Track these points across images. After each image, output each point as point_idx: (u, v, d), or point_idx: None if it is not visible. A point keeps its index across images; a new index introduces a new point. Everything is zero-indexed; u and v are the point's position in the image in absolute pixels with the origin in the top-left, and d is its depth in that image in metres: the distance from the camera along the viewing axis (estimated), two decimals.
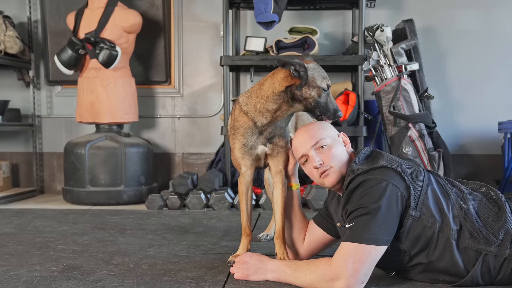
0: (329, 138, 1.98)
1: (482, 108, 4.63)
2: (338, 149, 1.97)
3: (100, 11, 4.32)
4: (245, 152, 2.16)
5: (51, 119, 5.01)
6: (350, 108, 4.12)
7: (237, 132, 2.15)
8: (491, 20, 4.64)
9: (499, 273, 1.83)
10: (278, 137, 2.14)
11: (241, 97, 2.17)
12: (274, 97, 2.06)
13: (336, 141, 2.00)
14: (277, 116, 2.09)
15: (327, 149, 1.96)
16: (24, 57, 4.84)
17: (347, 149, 2.02)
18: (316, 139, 1.97)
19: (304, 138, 1.99)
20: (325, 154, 1.95)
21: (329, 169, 1.95)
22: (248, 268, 1.98)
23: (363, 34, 4.14)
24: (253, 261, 1.99)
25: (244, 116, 2.13)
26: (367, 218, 1.75)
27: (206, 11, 4.81)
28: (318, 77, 2.06)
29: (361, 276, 1.74)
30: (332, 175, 1.95)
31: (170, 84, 4.88)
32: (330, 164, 1.94)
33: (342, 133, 2.06)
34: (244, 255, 2.04)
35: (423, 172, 1.90)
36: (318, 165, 1.95)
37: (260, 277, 1.97)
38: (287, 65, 2.00)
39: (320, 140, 1.96)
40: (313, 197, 3.78)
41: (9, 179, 4.81)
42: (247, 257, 2.01)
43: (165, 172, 4.92)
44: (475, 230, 1.82)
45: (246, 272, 1.98)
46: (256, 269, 1.97)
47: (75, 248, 2.58)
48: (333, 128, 2.06)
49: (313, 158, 1.95)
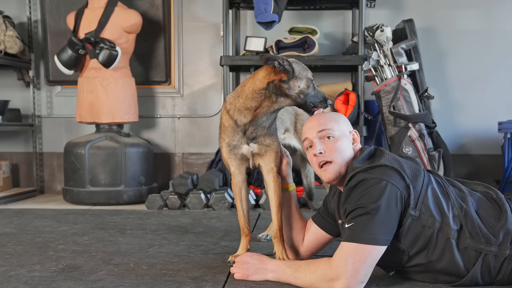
0: (338, 131, 1.96)
1: (482, 108, 4.63)
2: (344, 143, 1.96)
3: (100, 11, 4.32)
4: (230, 151, 2.16)
5: (51, 119, 5.01)
6: (350, 108, 4.12)
7: (222, 131, 2.17)
8: (491, 20, 4.64)
9: (499, 273, 1.83)
10: (263, 136, 2.13)
11: (228, 96, 2.19)
12: (253, 95, 2.06)
13: (344, 135, 1.98)
14: (257, 113, 2.08)
15: (332, 140, 1.95)
16: (24, 57, 4.83)
17: (355, 147, 2.00)
18: (324, 127, 1.95)
19: (313, 123, 1.99)
20: (329, 145, 1.94)
21: (328, 164, 1.94)
22: (249, 268, 1.98)
23: (363, 34, 4.14)
24: (253, 261, 1.99)
25: (226, 115, 2.14)
26: (367, 218, 1.75)
27: (206, 11, 4.81)
28: (303, 69, 2.07)
29: (361, 276, 1.74)
30: (330, 171, 1.94)
31: (170, 84, 4.89)
32: (331, 157, 1.93)
33: (354, 131, 2.04)
34: (245, 255, 2.03)
35: (423, 171, 1.90)
36: (318, 153, 1.94)
37: (260, 277, 1.97)
38: (270, 60, 2.00)
39: (328, 129, 1.95)
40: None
41: (9, 179, 4.81)
42: (248, 257, 2.01)
43: (165, 172, 4.92)
44: (475, 230, 1.82)
45: (246, 272, 1.98)
46: (256, 269, 1.97)
47: (75, 248, 2.58)
48: (348, 123, 2.04)
49: (316, 145, 1.95)
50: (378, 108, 4.15)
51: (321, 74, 4.68)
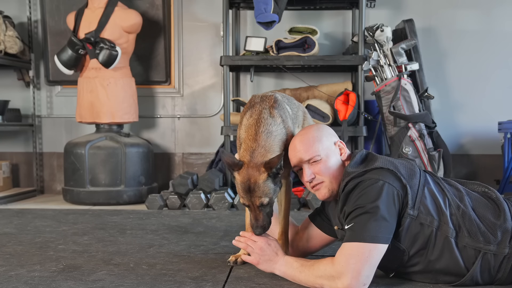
0: (323, 151, 1.96)
1: (482, 108, 4.63)
2: (331, 161, 1.96)
3: (100, 11, 4.32)
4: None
5: (51, 119, 5.01)
6: (350, 108, 4.12)
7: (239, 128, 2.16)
8: (491, 20, 4.64)
9: (498, 271, 1.84)
10: None
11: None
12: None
13: (330, 152, 1.98)
14: None
15: (320, 162, 1.95)
16: (24, 57, 4.83)
17: (343, 157, 2.00)
18: (310, 155, 1.95)
19: (298, 150, 1.98)
20: (318, 168, 1.95)
21: (320, 184, 1.96)
22: (262, 255, 1.95)
23: (363, 34, 4.14)
24: (268, 252, 1.95)
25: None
26: (366, 218, 1.76)
27: (206, 11, 4.81)
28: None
29: (363, 278, 1.74)
30: (323, 190, 1.97)
31: (170, 84, 4.88)
32: (322, 178, 1.95)
33: (339, 141, 2.03)
34: (263, 241, 1.97)
35: (419, 171, 1.91)
36: (309, 180, 1.96)
37: (268, 268, 1.96)
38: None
39: (314, 156, 1.95)
40: (313, 197, 3.78)
41: (9, 179, 4.81)
42: (266, 245, 1.96)
43: (165, 172, 4.92)
44: (473, 229, 1.83)
45: (258, 259, 1.96)
46: (267, 260, 1.95)
47: (75, 248, 2.58)
48: (330, 135, 2.02)
49: (305, 172, 1.96)
50: (378, 108, 4.15)
51: (321, 74, 4.68)
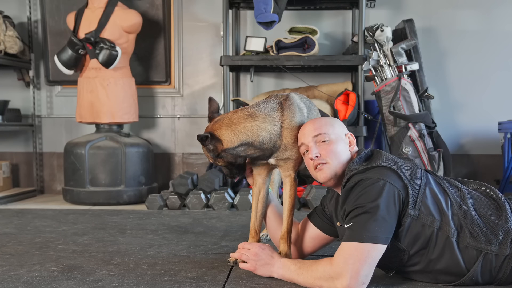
0: (333, 134, 1.98)
1: (482, 108, 4.63)
2: (339, 146, 1.97)
3: (100, 11, 4.32)
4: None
5: (51, 119, 5.01)
6: (350, 108, 4.12)
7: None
8: (491, 20, 4.64)
9: (499, 272, 1.84)
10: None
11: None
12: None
13: (340, 138, 1.99)
14: None
15: (327, 143, 1.96)
16: (24, 57, 4.83)
17: (351, 149, 2.01)
18: (319, 131, 1.97)
19: (309, 128, 2.00)
20: (324, 148, 1.95)
21: (324, 164, 1.95)
22: (258, 261, 1.97)
23: (363, 34, 4.14)
24: (264, 256, 1.97)
25: None
26: (366, 217, 1.76)
27: (206, 11, 4.81)
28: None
29: (362, 277, 1.74)
30: (326, 171, 1.95)
31: (170, 84, 4.88)
32: (327, 159, 1.94)
33: (350, 133, 2.05)
34: (257, 246, 2.00)
35: (420, 171, 1.91)
36: (314, 157, 1.95)
37: (266, 273, 1.97)
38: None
39: (323, 133, 1.96)
40: (313, 197, 3.78)
41: (9, 179, 4.81)
42: (259, 250, 1.99)
43: (165, 172, 4.92)
44: (475, 229, 1.83)
45: (254, 265, 1.98)
46: (264, 265, 1.97)
47: (75, 248, 2.58)
48: (343, 126, 2.05)
49: (312, 149, 1.96)
50: (378, 108, 4.15)
51: (321, 74, 4.68)
